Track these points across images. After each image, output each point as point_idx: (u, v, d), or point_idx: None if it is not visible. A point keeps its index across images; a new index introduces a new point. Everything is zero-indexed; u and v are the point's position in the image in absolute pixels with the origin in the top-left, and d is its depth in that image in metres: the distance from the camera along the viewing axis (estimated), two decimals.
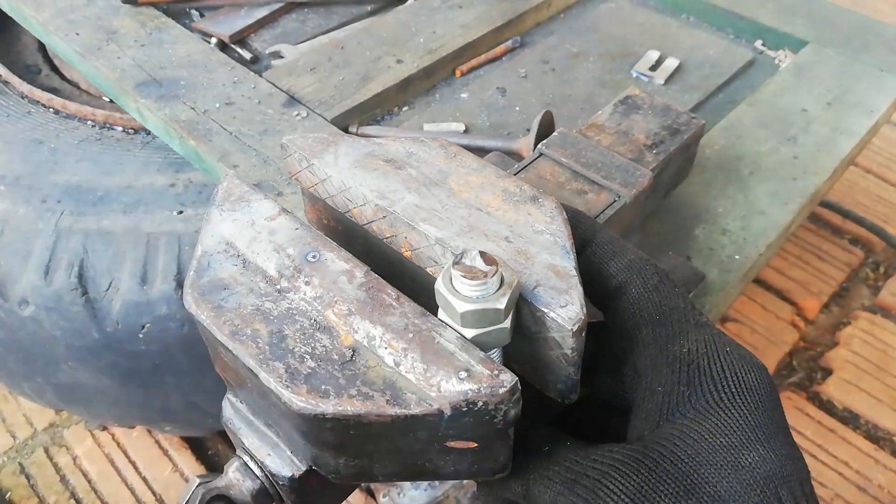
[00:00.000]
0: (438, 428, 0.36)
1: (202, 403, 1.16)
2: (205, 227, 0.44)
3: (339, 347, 0.37)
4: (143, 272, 0.99)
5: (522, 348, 0.42)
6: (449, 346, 0.37)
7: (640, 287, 0.41)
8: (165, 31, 1.05)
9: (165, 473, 1.47)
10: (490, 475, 0.40)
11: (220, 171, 0.84)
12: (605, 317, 0.44)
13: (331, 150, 0.49)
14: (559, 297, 0.39)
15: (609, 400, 0.46)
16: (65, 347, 1.05)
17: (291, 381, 0.36)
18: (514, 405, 0.35)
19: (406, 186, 0.47)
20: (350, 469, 0.40)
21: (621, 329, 0.42)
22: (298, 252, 0.42)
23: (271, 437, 0.44)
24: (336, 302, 0.39)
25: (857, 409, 1.68)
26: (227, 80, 0.97)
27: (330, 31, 1.17)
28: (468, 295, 0.37)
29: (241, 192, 0.46)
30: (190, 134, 0.87)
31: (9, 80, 1.21)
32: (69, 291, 0.99)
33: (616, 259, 0.43)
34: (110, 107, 1.16)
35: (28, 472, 1.48)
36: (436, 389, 0.35)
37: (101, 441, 1.52)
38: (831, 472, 1.56)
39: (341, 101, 0.96)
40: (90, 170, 1.05)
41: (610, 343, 0.44)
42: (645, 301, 0.41)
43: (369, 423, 0.35)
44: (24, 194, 1.02)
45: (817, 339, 1.83)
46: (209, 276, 0.41)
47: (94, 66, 0.98)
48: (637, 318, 0.41)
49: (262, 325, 0.38)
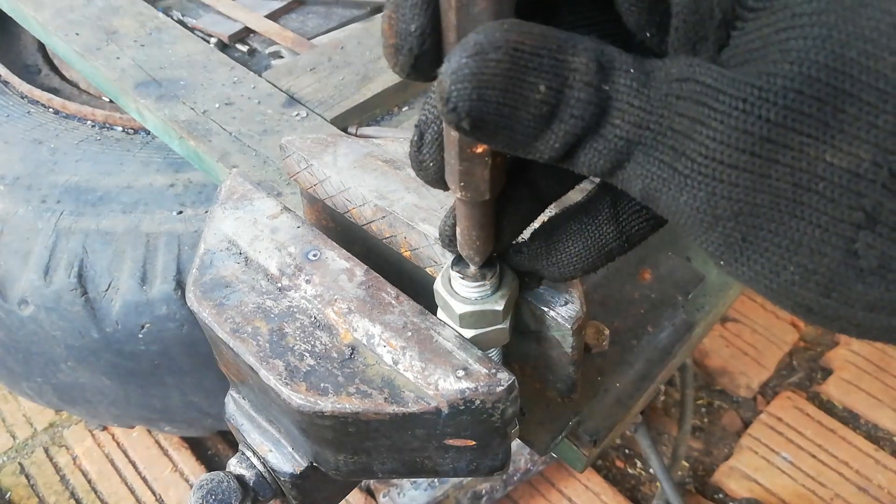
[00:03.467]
0: (436, 426, 0.36)
1: (202, 403, 1.16)
2: (208, 225, 0.44)
3: (339, 345, 0.37)
4: (142, 272, 0.99)
5: (522, 346, 0.42)
6: (447, 345, 0.37)
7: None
8: (165, 31, 1.06)
9: (165, 473, 1.47)
10: (489, 473, 0.40)
11: (220, 171, 0.84)
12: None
13: (330, 150, 0.50)
14: (559, 295, 0.39)
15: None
16: (64, 347, 1.05)
17: (291, 378, 0.36)
18: (512, 404, 0.36)
19: (405, 186, 0.47)
20: (350, 466, 0.40)
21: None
22: (299, 250, 0.42)
23: (273, 434, 0.44)
24: (336, 300, 0.39)
25: (857, 409, 1.68)
26: (227, 80, 0.97)
27: (330, 31, 1.18)
28: (467, 296, 0.37)
29: (244, 190, 0.46)
30: (189, 134, 0.87)
31: (9, 80, 1.21)
32: (69, 291, 0.99)
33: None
34: (110, 107, 1.16)
35: (28, 472, 1.48)
36: (434, 388, 0.35)
37: (101, 441, 1.52)
38: (831, 472, 1.56)
39: (341, 101, 0.96)
40: (90, 170, 1.05)
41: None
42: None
43: (368, 421, 0.35)
44: (23, 194, 1.02)
45: (817, 339, 1.83)
46: (211, 274, 0.41)
47: (94, 66, 0.98)
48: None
49: (262, 322, 0.38)
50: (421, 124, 0.31)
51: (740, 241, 0.25)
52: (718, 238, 0.25)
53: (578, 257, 0.35)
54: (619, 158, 0.25)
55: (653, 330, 0.59)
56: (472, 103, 0.23)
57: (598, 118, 0.25)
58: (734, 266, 0.25)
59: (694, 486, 1.62)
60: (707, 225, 0.25)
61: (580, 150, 0.26)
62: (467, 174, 0.29)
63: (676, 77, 0.24)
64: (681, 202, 0.25)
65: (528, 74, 0.24)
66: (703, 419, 1.73)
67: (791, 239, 0.23)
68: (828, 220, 0.23)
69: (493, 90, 0.23)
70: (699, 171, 0.24)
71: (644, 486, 1.62)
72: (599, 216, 0.34)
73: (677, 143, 0.24)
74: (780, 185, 0.23)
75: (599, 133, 0.25)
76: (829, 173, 0.22)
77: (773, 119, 0.22)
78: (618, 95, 0.24)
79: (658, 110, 0.24)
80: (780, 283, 0.24)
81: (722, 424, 1.72)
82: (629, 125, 0.25)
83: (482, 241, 0.34)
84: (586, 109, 0.25)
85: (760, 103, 0.22)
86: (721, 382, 1.79)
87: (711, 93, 0.23)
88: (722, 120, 0.23)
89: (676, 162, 0.24)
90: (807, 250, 0.23)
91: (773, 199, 0.23)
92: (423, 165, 0.31)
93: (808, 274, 0.24)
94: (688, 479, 1.63)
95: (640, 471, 1.64)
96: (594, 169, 0.26)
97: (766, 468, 1.60)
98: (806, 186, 0.23)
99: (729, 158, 0.23)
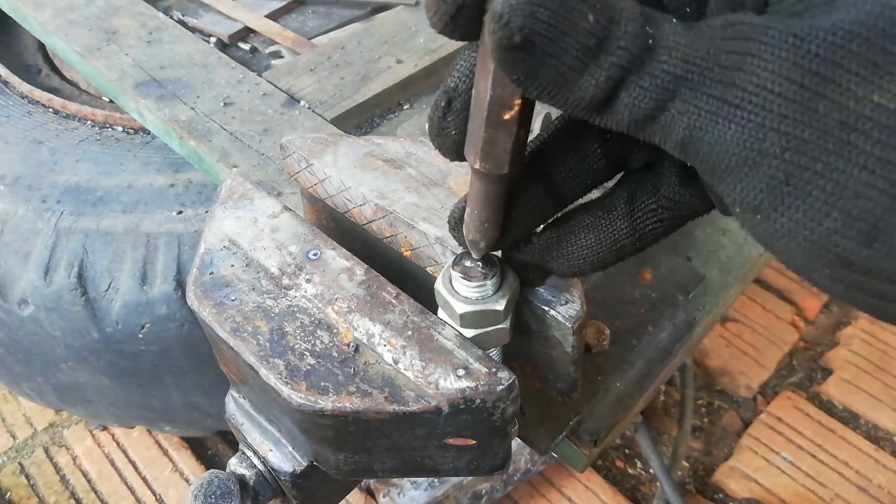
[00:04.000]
0: (437, 425, 0.36)
1: (201, 403, 1.16)
2: (208, 225, 0.44)
3: (339, 345, 0.37)
4: (142, 272, 0.99)
5: (523, 346, 0.42)
6: (447, 344, 0.37)
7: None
8: (165, 31, 1.06)
9: (165, 473, 1.47)
10: (489, 473, 0.40)
11: (220, 171, 0.84)
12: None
13: (330, 150, 0.50)
14: (560, 294, 0.39)
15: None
16: (64, 347, 1.05)
17: (291, 377, 0.36)
18: (512, 403, 0.36)
19: (405, 186, 0.47)
20: (350, 465, 0.40)
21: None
22: (300, 249, 0.42)
23: (273, 433, 0.44)
24: (336, 299, 0.39)
25: (857, 409, 1.68)
26: (227, 79, 0.97)
27: (330, 31, 1.18)
28: (467, 296, 0.37)
29: (245, 189, 0.46)
30: (190, 134, 0.87)
31: (9, 80, 1.21)
32: (69, 291, 0.99)
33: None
34: (110, 107, 1.16)
35: (28, 472, 1.48)
36: (434, 387, 0.35)
37: (101, 441, 1.52)
38: (831, 472, 1.56)
39: (341, 101, 0.96)
40: (90, 170, 1.05)
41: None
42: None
43: (368, 420, 0.35)
44: (23, 194, 1.02)
45: (817, 339, 1.84)
46: (212, 274, 0.41)
47: (94, 66, 0.98)
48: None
49: (263, 322, 0.38)
50: (449, 90, 0.30)
51: (783, 184, 0.24)
52: (762, 180, 0.24)
53: (589, 251, 0.35)
54: (664, 97, 0.25)
55: (653, 330, 0.59)
56: (525, 20, 0.23)
57: (645, 55, 0.25)
58: (772, 217, 0.25)
59: (694, 486, 1.62)
60: (752, 163, 0.24)
61: (623, 90, 0.25)
62: (490, 142, 0.29)
63: (723, 23, 0.25)
64: (727, 137, 0.24)
65: (579, 3, 0.24)
66: (703, 419, 1.73)
67: (836, 181, 0.23)
68: (875, 161, 0.22)
69: (545, 9, 0.23)
70: (749, 100, 0.24)
71: (644, 486, 1.62)
72: (614, 211, 0.34)
73: (726, 76, 0.24)
74: (828, 121, 0.23)
75: (645, 70, 0.25)
76: (876, 113, 0.22)
77: (822, 54, 0.22)
78: (663, 35, 0.25)
79: (705, 47, 0.24)
80: (821, 232, 0.24)
81: (722, 424, 1.72)
82: (677, 60, 0.25)
83: (490, 224, 0.33)
84: (634, 42, 0.25)
85: (811, 38, 0.22)
86: (721, 382, 1.79)
87: (762, 28, 0.23)
88: (773, 52, 0.23)
89: (727, 93, 0.24)
90: (852, 194, 0.23)
91: (821, 135, 0.23)
92: (444, 132, 0.31)
93: (851, 220, 0.23)
94: (688, 479, 1.63)
95: (640, 471, 1.64)
96: (636, 111, 0.26)
97: (766, 468, 1.60)
98: (853, 126, 0.22)
99: (780, 87, 0.23)
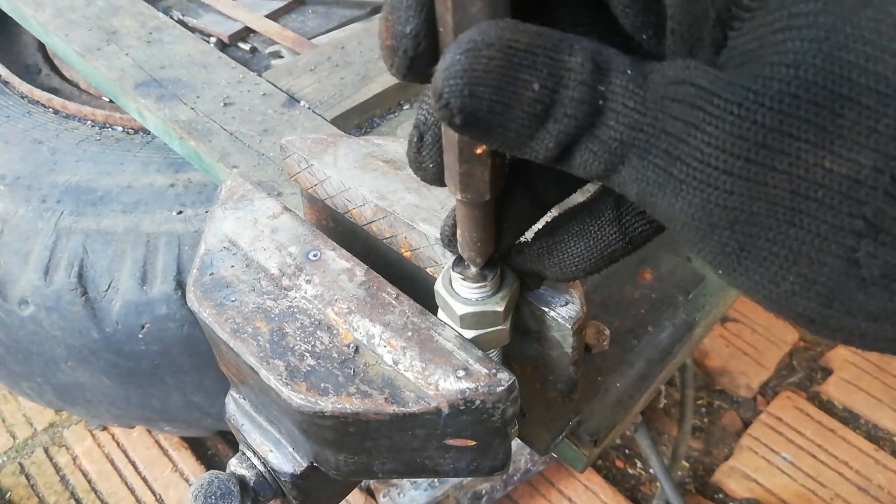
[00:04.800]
0: (437, 426, 0.36)
1: (202, 403, 1.16)
2: (208, 225, 0.44)
3: (339, 345, 0.37)
4: (142, 272, 0.99)
5: (523, 347, 0.42)
6: (447, 345, 0.37)
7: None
8: (165, 30, 1.05)
9: (165, 473, 1.47)
10: (489, 473, 0.40)
11: (220, 171, 0.84)
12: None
13: (330, 150, 0.50)
14: (560, 295, 0.39)
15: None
16: (64, 347, 1.05)
17: (291, 378, 0.36)
18: (512, 404, 0.36)
19: (406, 186, 0.47)
20: (350, 466, 0.40)
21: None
22: (300, 250, 0.42)
23: (273, 434, 0.44)
24: (336, 300, 0.39)
25: (857, 409, 1.68)
26: (227, 79, 0.97)
27: (330, 31, 1.18)
28: (467, 297, 0.37)
29: (245, 190, 0.46)
30: (190, 134, 0.87)
31: (9, 80, 1.21)
32: (69, 291, 0.99)
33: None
34: (110, 107, 1.16)
35: (28, 472, 1.48)
36: (434, 388, 0.35)
37: (101, 441, 1.52)
38: (831, 472, 1.56)
39: (341, 101, 0.96)
40: (90, 170, 1.05)
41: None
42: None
43: (368, 421, 0.35)
44: (24, 194, 1.02)
45: (817, 339, 1.83)
46: (212, 274, 0.41)
47: (94, 66, 0.98)
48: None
49: (263, 322, 0.38)
50: (420, 125, 0.30)
51: (738, 251, 0.24)
52: (715, 247, 0.24)
53: (581, 258, 0.34)
54: (613, 160, 0.25)
55: (653, 330, 0.59)
56: (465, 100, 0.23)
57: (593, 118, 0.24)
58: (732, 276, 0.25)
59: (694, 486, 1.62)
60: (703, 233, 0.24)
61: (575, 150, 0.25)
62: (467, 176, 0.29)
63: (672, 79, 0.24)
64: (676, 209, 0.24)
65: (522, 72, 0.23)
66: (703, 419, 1.73)
67: (790, 248, 0.23)
68: (828, 228, 0.22)
69: (485, 87, 0.23)
70: (694, 176, 0.23)
71: (644, 486, 1.62)
72: (602, 217, 0.34)
73: (672, 146, 0.23)
74: (777, 192, 0.22)
75: (594, 134, 0.25)
76: (828, 180, 0.21)
77: (768, 124, 0.22)
78: (613, 96, 0.24)
79: (653, 112, 0.24)
80: (780, 294, 0.24)
81: (722, 424, 1.72)
82: (623, 126, 0.24)
83: (483, 243, 0.34)
84: (580, 109, 0.24)
85: (756, 108, 0.22)
86: (721, 382, 1.79)
87: (706, 96, 0.23)
88: (717, 124, 0.22)
89: (671, 166, 0.24)
90: (806, 260, 0.23)
91: (771, 206, 0.22)
92: (422, 166, 0.31)
93: (808, 284, 0.23)
94: (688, 479, 1.63)
95: (640, 471, 1.64)
96: (589, 171, 0.26)
97: (766, 468, 1.60)
98: (804, 194, 0.22)
99: (724, 164, 0.22)
